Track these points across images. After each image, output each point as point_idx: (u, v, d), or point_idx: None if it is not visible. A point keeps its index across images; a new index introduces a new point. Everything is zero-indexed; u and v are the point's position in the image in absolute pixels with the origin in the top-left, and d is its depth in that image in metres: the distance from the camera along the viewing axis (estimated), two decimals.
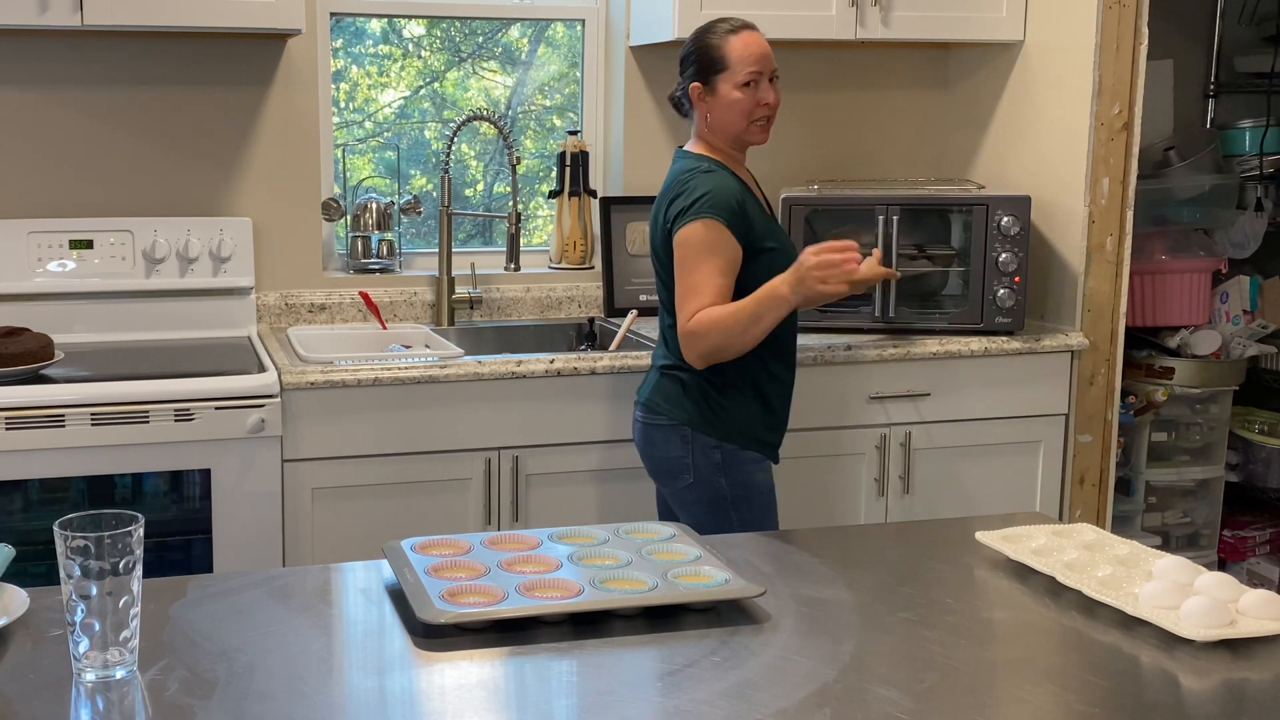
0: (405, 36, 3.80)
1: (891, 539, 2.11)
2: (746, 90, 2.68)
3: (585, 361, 3.03)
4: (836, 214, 3.45)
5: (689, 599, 1.62)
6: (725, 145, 2.75)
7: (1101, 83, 3.31)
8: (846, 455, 3.23)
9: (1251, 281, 3.93)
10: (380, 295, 3.48)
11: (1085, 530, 1.91)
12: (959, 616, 1.65)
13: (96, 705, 1.38)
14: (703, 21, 3.33)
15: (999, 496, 3.33)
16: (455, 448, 2.97)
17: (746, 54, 2.69)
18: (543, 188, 3.84)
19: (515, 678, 1.48)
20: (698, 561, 1.73)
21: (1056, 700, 1.44)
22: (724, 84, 2.69)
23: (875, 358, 3.20)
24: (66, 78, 3.25)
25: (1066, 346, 3.35)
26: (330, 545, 2.89)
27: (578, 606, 1.59)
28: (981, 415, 3.32)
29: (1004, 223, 3.28)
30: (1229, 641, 1.55)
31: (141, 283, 3.26)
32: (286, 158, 3.41)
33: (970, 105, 3.81)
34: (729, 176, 2.69)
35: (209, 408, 2.76)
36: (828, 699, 1.41)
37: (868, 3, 3.41)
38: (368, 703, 1.42)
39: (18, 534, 2.64)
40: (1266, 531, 4.07)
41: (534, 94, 3.92)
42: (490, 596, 1.60)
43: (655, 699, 1.42)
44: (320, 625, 1.63)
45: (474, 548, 1.78)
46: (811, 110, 3.82)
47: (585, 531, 1.86)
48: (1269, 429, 4.03)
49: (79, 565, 1.39)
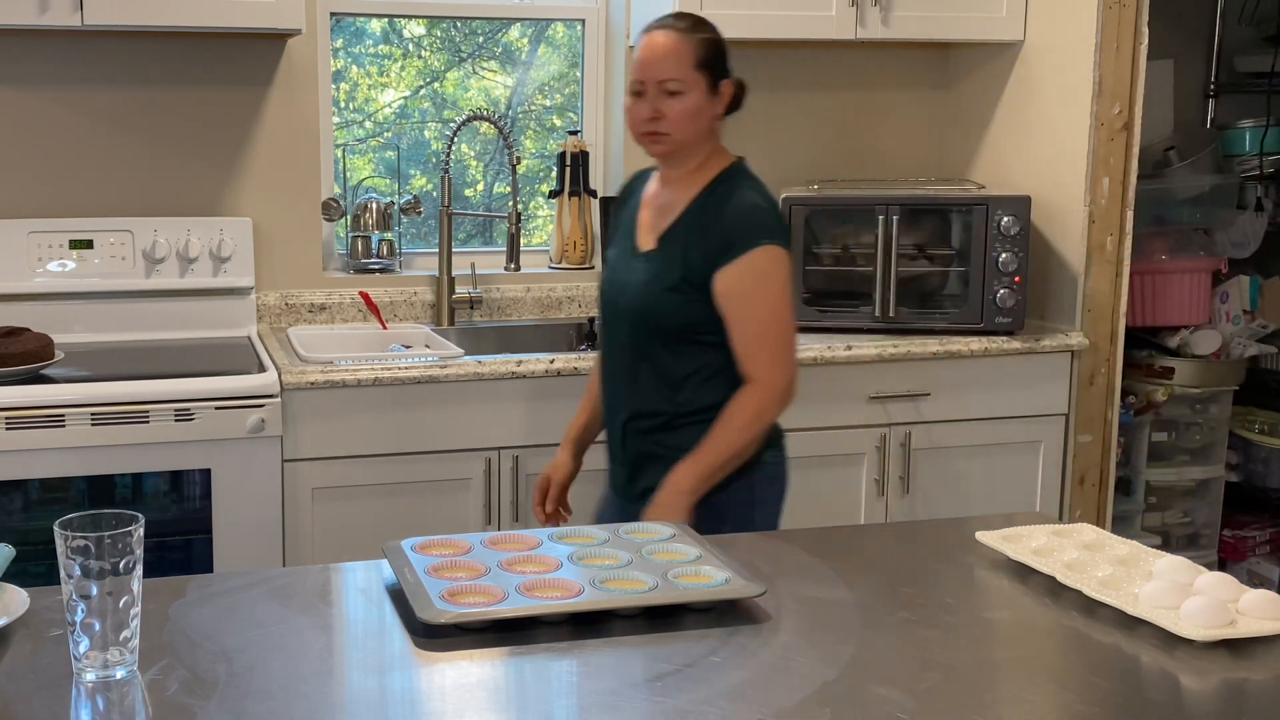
0: (405, 36, 3.80)
1: (891, 539, 2.11)
2: (632, 100, 2.38)
3: (585, 361, 3.03)
4: (836, 214, 3.45)
5: (689, 599, 1.62)
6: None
7: (1101, 83, 3.31)
8: (846, 455, 3.23)
9: (1251, 281, 3.93)
10: (380, 295, 3.48)
11: (1085, 530, 1.91)
12: (959, 616, 1.65)
13: (96, 705, 1.38)
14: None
15: (999, 496, 3.33)
16: (455, 448, 2.97)
17: (637, 59, 2.38)
18: (543, 188, 3.84)
19: (515, 678, 1.48)
20: (698, 561, 1.73)
21: (1056, 700, 1.44)
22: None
23: (875, 358, 3.20)
24: (66, 78, 3.25)
25: (1066, 346, 3.35)
26: (330, 545, 2.88)
27: (578, 606, 1.59)
28: (981, 415, 3.32)
29: (1004, 223, 3.28)
30: (1229, 641, 1.55)
31: (141, 283, 3.26)
32: (286, 158, 3.41)
33: (970, 105, 3.80)
34: (638, 179, 2.54)
35: (209, 408, 2.76)
36: (828, 699, 1.41)
37: (868, 3, 3.41)
38: (368, 703, 1.42)
39: (18, 534, 2.64)
40: (1266, 531, 4.07)
41: (534, 94, 3.92)
42: (490, 596, 1.60)
43: (655, 699, 1.42)
44: (320, 625, 1.63)
45: (474, 548, 1.78)
46: (811, 110, 3.82)
47: (585, 531, 1.86)
48: (1269, 429, 4.03)
49: (79, 565, 1.39)
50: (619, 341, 2.43)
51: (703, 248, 2.31)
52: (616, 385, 2.46)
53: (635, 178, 2.55)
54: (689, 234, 2.34)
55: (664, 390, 2.37)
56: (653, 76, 2.33)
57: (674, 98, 2.32)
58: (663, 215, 2.40)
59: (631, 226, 2.46)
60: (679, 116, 2.32)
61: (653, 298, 2.35)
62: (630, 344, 2.40)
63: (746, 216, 2.32)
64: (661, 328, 2.35)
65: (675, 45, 2.33)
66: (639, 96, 2.35)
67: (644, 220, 2.44)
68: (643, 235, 2.42)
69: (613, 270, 2.48)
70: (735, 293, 2.30)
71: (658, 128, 2.34)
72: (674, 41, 2.34)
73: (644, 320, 2.37)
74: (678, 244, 2.35)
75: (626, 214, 2.50)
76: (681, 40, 2.34)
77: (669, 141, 2.35)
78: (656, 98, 2.32)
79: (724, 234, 2.30)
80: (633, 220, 2.46)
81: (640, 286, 2.37)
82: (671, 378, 2.36)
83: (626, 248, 2.45)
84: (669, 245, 2.36)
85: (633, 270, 2.40)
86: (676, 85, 2.31)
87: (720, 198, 2.35)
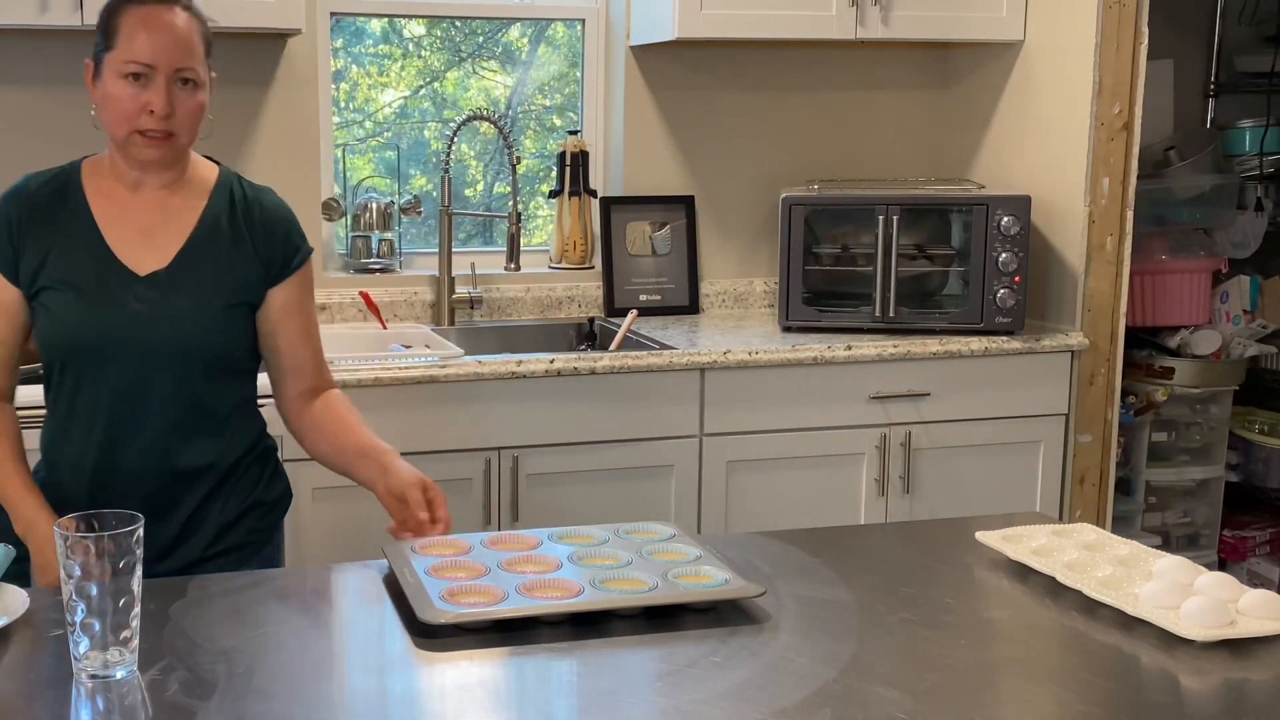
0: (405, 36, 3.80)
1: (891, 539, 2.11)
2: (127, 84, 1.92)
3: (585, 361, 3.03)
4: (836, 214, 3.45)
5: (689, 599, 1.62)
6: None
7: (1101, 82, 3.31)
8: (846, 455, 3.23)
9: (1251, 281, 3.93)
10: (380, 295, 3.48)
11: (1085, 530, 1.91)
12: (959, 616, 1.65)
13: (96, 705, 1.38)
14: (703, 21, 3.36)
15: (999, 496, 3.33)
16: (455, 448, 2.97)
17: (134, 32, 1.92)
18: (543, 188, 3.84)
19: (515, 678, 1.48)
20: (698, 561, 1.73)
21: (1056, 700, 1.44)
22: (107, 68, 1.94)
23: (875, 358, 3.20)
24: (66, 78, 3.24)
25: (1066, 346, 3.35)
26: (330, 545, 2.88)
27: (578, 606, 1.59)
28: (981, 415, 3.32)
29: (1004, 223, 3.28)
30: (1229, 641, 1.55)
31: None
32: (286, 158, 3.41)
33: (970, 105, 3.80)
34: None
35: None
36: (828, 699, 1.41)
37: (868, 3, 3.41)
38: (368, 703, 1.42)
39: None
40: (1266, 531, 4.07)
41: (534, 94, 3.92)
42: (490, 596, 1.60)
43: (655, 699, 1.42)
44: (320, 625, 1.63)
45: (474, 548, 1.78)
46: (811, 110, 3.82)
47: (585, 532, 1.86)
48: (1269, 429, 4.03)
49: (79, 565, 1.39)
50: None
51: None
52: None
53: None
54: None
55: None
56: (171, 64, 1.94)
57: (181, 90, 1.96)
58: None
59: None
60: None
61: None
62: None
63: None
64: None
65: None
66: (134, 80, 1.93)
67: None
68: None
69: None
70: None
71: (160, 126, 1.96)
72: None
73: None
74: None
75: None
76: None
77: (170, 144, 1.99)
78: (162, 88, 1.94)
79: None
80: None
81: None
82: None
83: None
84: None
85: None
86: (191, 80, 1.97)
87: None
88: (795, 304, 3.36)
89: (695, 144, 3.74)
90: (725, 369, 3.11)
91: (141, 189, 2.02)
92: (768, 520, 3.14)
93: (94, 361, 1.98)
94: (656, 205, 3.72)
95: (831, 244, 3.47)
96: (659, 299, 3.69)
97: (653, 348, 3.22)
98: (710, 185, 3.77)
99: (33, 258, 1.97)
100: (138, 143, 1.94)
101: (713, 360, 3.09)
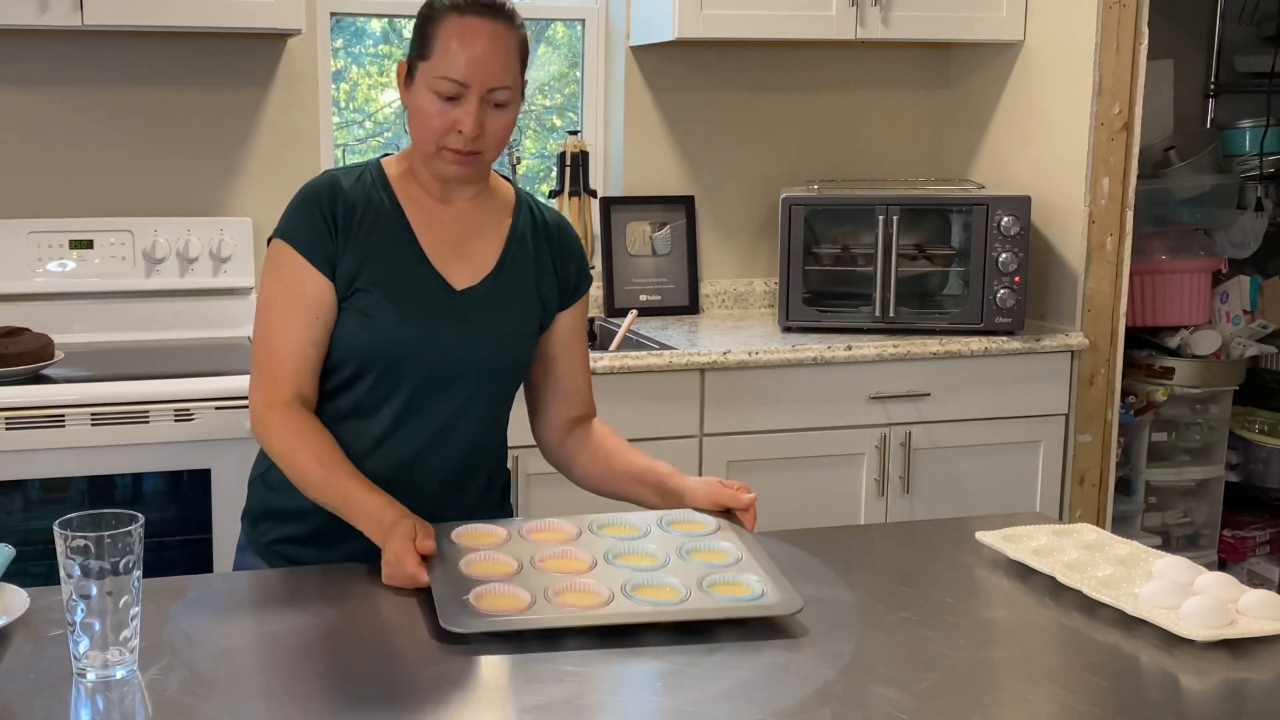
0: (405, 36, 3.80)
1: (892, 539, 2.11)
2: (438, 100, 1.83)
3: None
4: (836, 214, 3.45)
5: (720, 616, 1.59)
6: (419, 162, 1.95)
7: (1101, 82, 3.31)
8: (846, 455, 3.23)
9: (1251, 281, 3.93)
10: None
11: (1085, 530, 1.91)
12: (959, 616, 1.65)
13: (96, 705, 1.38)
14: (703, 22, 3.36)
15: (999, 496, 3.33)
16: None
17: (451, 49, 1.81)
18: (543, 188, 3.84)
19: (516, 677, 1.48)
20: (737, 567, 1.70)
21: (1056, 700, 1.44)
22: (421, 77, 1.85)
23: (875, 358, 3.20)
24: (66, 78, 3.25)
25: (1066, 346, 3.35)
26: None
27: (602, 620, 1.56)
28: (981, 415, 3.32)
29: (1004, 223, 3.28)
30: (1229, 641, 1.55)
31: (141, 283, 3.26)
32: (286, 158, 3.41)
33: (970, 105, 3.80)
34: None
35: (209, 408, 2.76)
36: (828, 699, 1.41)
37: (868, 3, 3.41)
38: (370, 702, 1.42)
39: (18, 534, 2.64)
40: (1266, 531, 4.07)
41: (534, 94, 3.92)
42: (516, 603, 1.58)
43: (655, 699, 1.42)
44: (321, 625, 1.63)
45: (511, 537, 1.77)
46: (811, 110, 3.82)
47: (627, 520, 1.84)
48: (1269, 429, 4.03)
49: (79, 565, 1.39)
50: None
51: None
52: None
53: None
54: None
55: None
56: (486, 84, 1.82)
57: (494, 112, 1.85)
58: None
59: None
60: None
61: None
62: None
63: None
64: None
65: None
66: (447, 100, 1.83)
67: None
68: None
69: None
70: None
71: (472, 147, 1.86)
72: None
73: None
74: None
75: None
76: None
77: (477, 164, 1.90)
78: (470, 110, 1.83)
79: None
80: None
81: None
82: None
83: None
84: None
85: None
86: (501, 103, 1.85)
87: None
88: (795, 304, 3.36)
89: (695, 144, 3.74)
90: (725, 369, 3.11)
91: (451, 201, 1.95)
92: (768, 520, 3.12)
93: (395, 372, 1.87)
94: (656, 205, 3.72)
95: (831, 244, 3.47)
96: (659, 299, 3.69)
97: (653, 348, 3.22)
98: (710, 185, 3.77)
99: (352, 260, 1.87)
100: (445, 158, 1.87)
101: (712, 360, 3.09)
